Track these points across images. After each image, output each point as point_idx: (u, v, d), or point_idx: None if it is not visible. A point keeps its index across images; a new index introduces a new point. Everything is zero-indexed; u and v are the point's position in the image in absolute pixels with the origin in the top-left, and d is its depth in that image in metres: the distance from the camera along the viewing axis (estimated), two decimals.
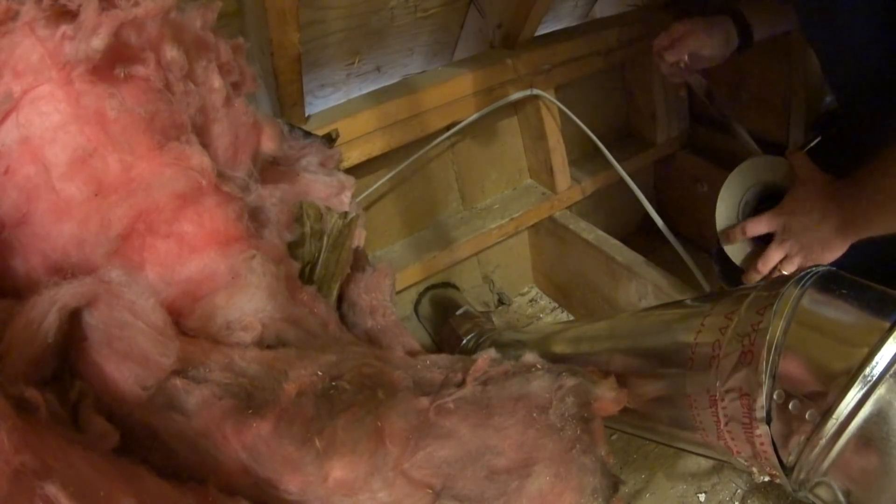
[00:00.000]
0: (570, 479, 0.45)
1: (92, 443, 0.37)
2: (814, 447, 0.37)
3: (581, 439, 0.47)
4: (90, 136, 0.46)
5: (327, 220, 0.67)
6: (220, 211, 0.51)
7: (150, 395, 0.42)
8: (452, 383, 0.51)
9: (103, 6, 0.45)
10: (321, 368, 0.47)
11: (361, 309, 0.70)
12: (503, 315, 1.33)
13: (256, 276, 0.51)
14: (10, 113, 0.45)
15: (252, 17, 0.77)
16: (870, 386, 0.35)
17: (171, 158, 0.49)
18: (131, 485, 0.34)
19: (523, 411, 0.47)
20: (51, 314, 0.39)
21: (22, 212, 0.46)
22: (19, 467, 0.28)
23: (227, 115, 0.57)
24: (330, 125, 0.90)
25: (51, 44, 0.45)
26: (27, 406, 0.35)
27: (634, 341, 0.56)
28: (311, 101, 0.97)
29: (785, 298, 0.42)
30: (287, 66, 0.80)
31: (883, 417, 0.35)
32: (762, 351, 0.40)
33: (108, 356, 0.41)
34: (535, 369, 0.52)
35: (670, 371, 0.49)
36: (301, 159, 0.73)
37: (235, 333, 0.49)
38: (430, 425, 0.46)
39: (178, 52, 0.51)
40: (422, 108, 1.00)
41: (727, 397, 0.42)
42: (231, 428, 0.42)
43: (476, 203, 1.24)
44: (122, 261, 0.46)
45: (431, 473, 0.44)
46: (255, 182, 0.60)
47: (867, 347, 0.36)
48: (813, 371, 0.38)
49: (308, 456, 0.42)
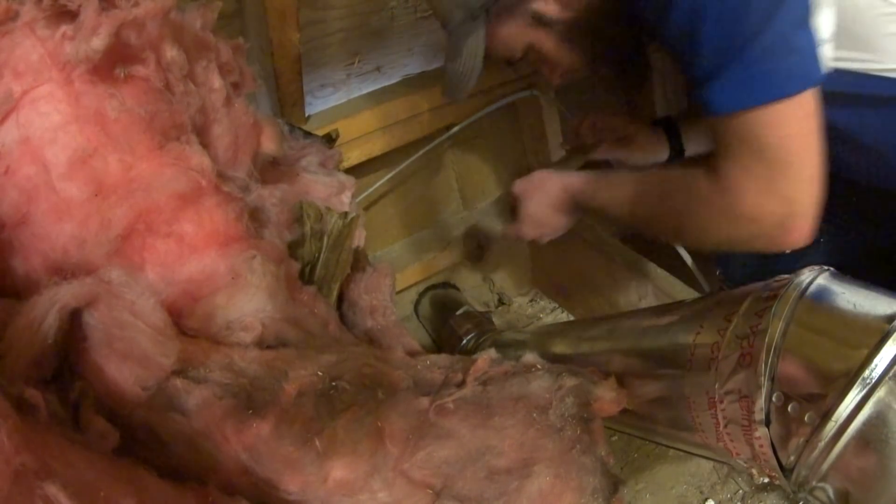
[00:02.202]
0: (570, 480, 0.45)
1: (92, 443, 0.37)
2: (813, 449, 0.37)
3: (581, 439, 0.47)
4: (90, 137, 0.46)
5: (327, 220, 0.67)
6: (221, 211, 0.51)
7: (151, 395, 0.42)
8: (452, 383, 0.51)
9: (103, 6, 0.45)
10: (321, 369, 0.47)
11: (361, 309, 0.70)
12: (503, 315, 1.33)
13: (256, 276, 0.51)
14: (10, 113, 0.45)
15: (252, 17, 0.77)
16: (869, 388, 0.35)
17: (171, 158, 0.49)
18: (131, 485, 0.34)
19: (523, 411, 0.47)
20: (51, 314, 0.39)
21: (22, 212, 0.46)
22: (20, 467, 0.28)
23: (227, 116, 0.57)
24: (330, 125, 0.90)
25: (51, 44, 0.45)
26: (27, 406, 0.35)
27: (634, 342, 0.56)
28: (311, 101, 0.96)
29: (784, 300, 0.42)
30: (287, 66, 0.80)
31: (882, 420, 0.35)
32: (761, 353, 0.40)
33: (109, 356, 0.41)
34: (535, 369, 0.52)
35: (669, 372, 0.49)
36: (301, 159, 0.73)
37: (235, 334, 0.49)
38: (430, 425, 0.46)
39: (178, 52, 0.50)
40: (422, 108, 1.00)
41: (726, 399, 0.42)
42: (231, 428, 0.42)
43: (476, 203, 1.24)
44: (123, 261, 0.46)
45: (431, 473, 0.44)
46: (255, 182, 0.60)
47: (866, 349, 0.36)
48: (812, 373, 0.38)
49: (308, 456, 0.42)
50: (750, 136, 0.59)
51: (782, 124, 0.58)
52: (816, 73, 0.56)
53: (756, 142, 0.59)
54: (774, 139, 0.58)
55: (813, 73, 0.56)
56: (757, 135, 0.59)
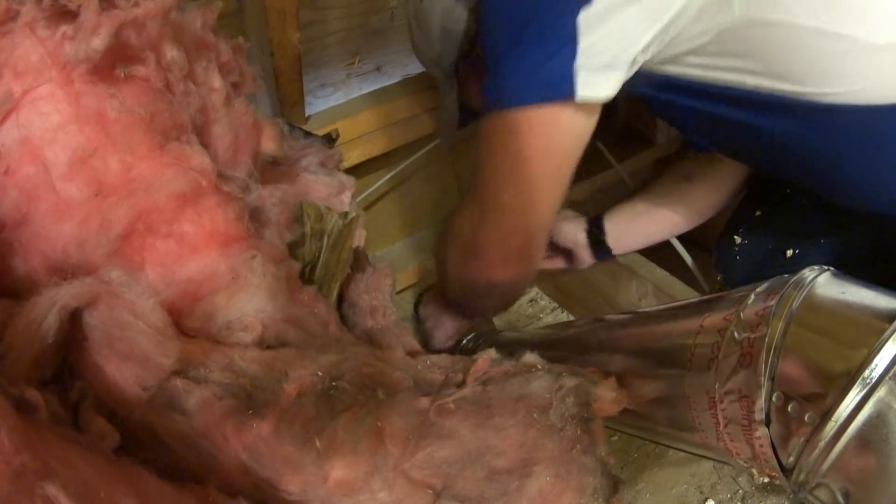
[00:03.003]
0: (570, 480, 0.45)
1: (92, 443, 0.37)
2: (813, 449, 0.37)
3: (581, 439, 0.47)
4: (90, 137, 0.46)
5: (327, 220, 0.67)
6: (221, 211, 0.51)
7: (151, 395, 0.42)
8: (453, 383, 0.51)
9: (103, 6, 0.45)
10: (321, 369, 0.47)
11: (362, 309, 0.70)
12: (503, 315, 1.33)
13: (257, 276, 0.51)
14: (10, 113, 0.45)
15: (252, 17, 0.77)
16: (869, 388, 0.35)
17: (171, 158, 0.49)
18: (132, 485, 0.34)
19: (524, 411, 0.47)
20: (51, 314, 0.39)
21: (22, 212, 0.46)
22: (20, 468, 0.28)
23: (227, 116, 0.57)
24: (330, 125, 0.90)
25: (51, 44, 0.45)
26: (27, 406, 0.35)
27: (634, 342, 0.56)
28: (311, 101, 0.96)
29: (784, 300, 0.42)
30: (287, 66, 0.80)
31: (882, 420, 0.35)
32: (761, 352, 0.40)
33: (109, 356, 0.41)
34: (536, 369, 0.52)
35: (669, 372, 0.49)
36: (301, 159, 0.73)
37: (236, 334, 0.49)
38: (431, 425, 0.46)
39: (178, 52, 0.51)
40: (422, 108, 1.00)
41: (726, 399, 0.42)
42: (231, 428, 0.42)
43: None
44: (123, 261, 0.46)
45: (432, 473, 0.44)
46: (256, 182, 0.60)
47: (866, 349, 0.36)
48: (812, 373, 0.38)
49: (308, 456, 0.42)
50: (487, 141, 0.60)
51: (510, 136, 0.57)
52: (554, 90, 0.54)
53: (487, 148, 0.61)
54: (499, 147, 0.59)
55: (546, 90, 0.54)
56: (490, 141, 0.60)
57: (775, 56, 0.55)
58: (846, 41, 0.53)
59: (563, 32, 0.53)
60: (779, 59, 0.55)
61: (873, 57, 0.53)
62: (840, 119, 0.56)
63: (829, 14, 0.52)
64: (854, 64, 0.53)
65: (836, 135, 0.59)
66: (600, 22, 0.52)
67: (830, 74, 0.54)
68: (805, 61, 0.55)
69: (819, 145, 0.60)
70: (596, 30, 0.52)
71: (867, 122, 0.56)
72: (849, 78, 0.54)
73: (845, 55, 0.53)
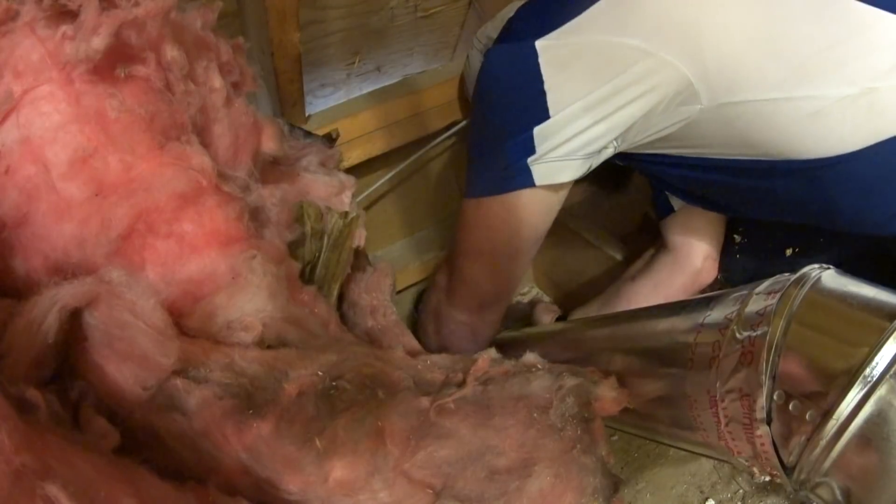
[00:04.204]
0: (570, 479, 0.45)
1: (92, 443, 0.37)
2: (814, 447, 0.37)
3: (581, 439, 0.47)
4: (90, 136, 0.46)
5: (328, 220, 0.67)
6: (221, 211, 0.51)
7: (151, 395, 0.42)
8: (453, 383, 0.51)
9: (104, 6, 0.45)
10: (322, 368, 0.47)
11: (362, 309, 0.70)
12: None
13: (257, 276, 0.51)
14: (10, 113, 0.45)
15: (252, 17, 0.77)
16: (870, 386, 0.35)
17: (171, 158, 0.49)
18: (132, 485, 0.34)
19: (524, 411, 0.47)
20: (51, 314, 0.39)
21: (22, 212, 0.46)
22: (20, 467, 0.28)
23: (227, 115, 0.57)
24: (330, 125, 0.90)
25: (51, 44, 0.45)
26: (28, 406, 0.35)
27: (635, 341, 0.56)
28: (311, 101, 0.96)
29: (785, 298, 0.42)
30: (287, 66, 0.80)
31: (883, 418, 0.35)
32: (762, 351, 0.40)
33: (109, 356, 0.41)
34: (536, 369, 0.52)
35: (670, 371, 0.49)
36: (301, 159, 0.73)
37: (236, 333, 0.49)
38: (431, 425, 0.46)
39: (178, 52, 0.51)
40: (422, 108, 1.00)
41: (727, 398, 0.42)
42: (231, 428, 0.42)
43: None
44: (123, 261, 0.46)
45: (432, 473, 0.44)
46: (256, 182, 0.60)
47: (867, 347, 0.36)
48: (813, 371, 0.38)
49: (308, 456, 0.42)
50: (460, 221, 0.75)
51: (476, 221, 0.72)
52: (513, 183, 0.65)
53: (461, 227, 0.76)
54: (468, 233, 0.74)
55: (500, 184, 0.66)
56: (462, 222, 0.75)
57: (749, 131, 0.57)
58: (818, 101, 0.54)
59: (521, 140, 0.63)
60: (753, 134, 0.57)
61: (848, 109, 0.53)
62: (828, 172, 0.58)
63: (800, 80, 0.54)
64: (826, 122, 0.54)
65: (826, 184, 0.60)
66: (555, 133, 0.62)
67: (805, 137, 0.55)
68: (778, 130, 0.56)
69: (809, 196, 0.62)
70: (550, 138, 0.62)
71: (854, 168, 0.57)
72: (824, 136, 0.55)
73: (816, 115, 0.54)
